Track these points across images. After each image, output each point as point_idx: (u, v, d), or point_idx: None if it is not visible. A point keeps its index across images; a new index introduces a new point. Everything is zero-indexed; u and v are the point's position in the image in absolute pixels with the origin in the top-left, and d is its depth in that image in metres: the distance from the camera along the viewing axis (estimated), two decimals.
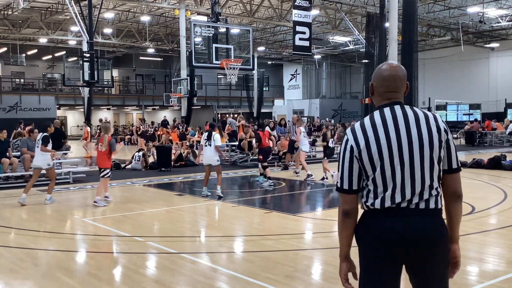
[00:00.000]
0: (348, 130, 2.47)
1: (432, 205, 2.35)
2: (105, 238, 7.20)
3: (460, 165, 2.47)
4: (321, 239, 7.11)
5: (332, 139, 13.02)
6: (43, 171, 10.32)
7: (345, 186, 2.43)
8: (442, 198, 2.42)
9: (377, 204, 2.35)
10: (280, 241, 6.82)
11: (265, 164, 12.28)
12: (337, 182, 2.49)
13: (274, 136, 16.40)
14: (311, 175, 13.13)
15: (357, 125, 2.45)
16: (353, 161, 2.40)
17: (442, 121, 2.43)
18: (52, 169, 10.18)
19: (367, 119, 2.44)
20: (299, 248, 6.53)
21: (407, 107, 2.43)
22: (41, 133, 10.13)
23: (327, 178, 12.80)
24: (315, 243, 6.91)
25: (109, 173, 10.05)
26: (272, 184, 12.03)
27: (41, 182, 12.89)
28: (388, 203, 2.33)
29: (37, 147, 10.01)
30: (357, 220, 2.47)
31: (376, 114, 2.43)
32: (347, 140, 2.44)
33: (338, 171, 2.49)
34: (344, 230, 2.46)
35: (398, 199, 2.32)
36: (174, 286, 5.04)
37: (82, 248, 6.89)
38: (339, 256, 2.53)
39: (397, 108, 2.42)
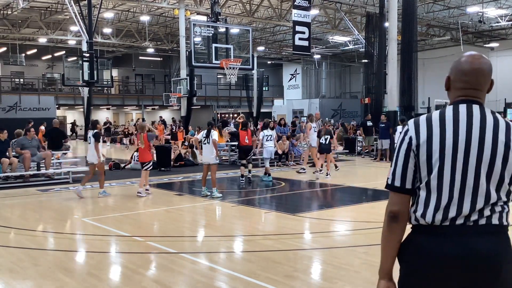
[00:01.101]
0: (411, 121, 2.12)
1: (495, 220, 1.95)
2: (105, 238, 7.20)
3: None
4: (321, 239, 7.11)
5: (324, 136, 13.30)
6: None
7: (397, 183, 2.06)
8: (510, 215, 2.03)
9: (428, 217, 1.98)
10: (280, 241, 6.82)
11: (243, 162, 12.80)
12: (388, 178, 2.12)
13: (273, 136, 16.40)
14: (321, 171, 13.72)
15: (422, 117, 2.09)
16: (409, 155, 2.04)
17: None
18: (101, 164, 10.81)
19: (436, 113, 2.07)
20: (299, 248, 6.54)
21: (487, 110, 2.03)
22: (91, 131, 10.87)
23: (322, 171, 13.40)
24: (315, 243, 6.92)
25: (151, 166, 11.00)
26: (242, 181, 12.56)
27: (41, 182, 12.91)
28: (439, 217, 1.96)
29: (89, 143, 10.82)
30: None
31: (449, 109, 2.05)
32: (407, 130, 2.08)
33: (391, 166, 2.13)
34: (390, 238, 2.07)
35: (452, 213, 1.95)
36: (173, 286, 5.04)
37: (82, 248, 6.89)
38: (378, 272, 2.13)
39: (476, 108, 2.02)
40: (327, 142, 13.29)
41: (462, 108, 2.03)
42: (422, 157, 2.01)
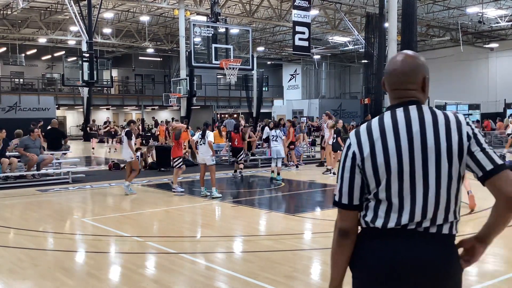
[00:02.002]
0: (352, 133, 2.07)
1: (445, 230, 1.94)
2: (105, 238, 7.20)
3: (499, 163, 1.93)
4: (320, 239, 7.11)
5: (332, 135, 13.97)
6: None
7: (344, 201, 2.03)
8: (458, 225, 2.01)
9: (378, 223, 1.96)
10: (280, 241, 6.82)
11: (239, 160, 13.90)
12: (334, 195, 2.08)
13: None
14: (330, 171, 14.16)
15: (363, 127, 2.05)
16: (355, 171, 2.00)
17: (468, 123, 1.96)
18: (135, 161, 11.13)
19: (375, 121, 2.02)
20: (299, 248, 6.54)
21: (425, 108, 1.99)
22: (124, 129, 11.29)
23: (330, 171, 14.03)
24: (314, 243, 6.92)
25: (180, 162, 11.23)
26: (239, 176, 13.35)
27: (40, 182, 12.90)
28: (392, 224, 1.93)
29: (123, 142, 11.23)
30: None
31: (387, 115, 2.01)
32: (350, 144, 2.03)
33: (337, 181, 2.09)
34: (339, 254, 2.06)
35: (405, 220, 1.92)
36: (173, 286, 5.04)
37: (82, 248, 6.89)
38: (329, 286, 2.13)
39: (413, 109, 1.98)
40: (335, 141, 13.91)
41: (400, 112, 1.99)
42: (368, 171, 1.97)
